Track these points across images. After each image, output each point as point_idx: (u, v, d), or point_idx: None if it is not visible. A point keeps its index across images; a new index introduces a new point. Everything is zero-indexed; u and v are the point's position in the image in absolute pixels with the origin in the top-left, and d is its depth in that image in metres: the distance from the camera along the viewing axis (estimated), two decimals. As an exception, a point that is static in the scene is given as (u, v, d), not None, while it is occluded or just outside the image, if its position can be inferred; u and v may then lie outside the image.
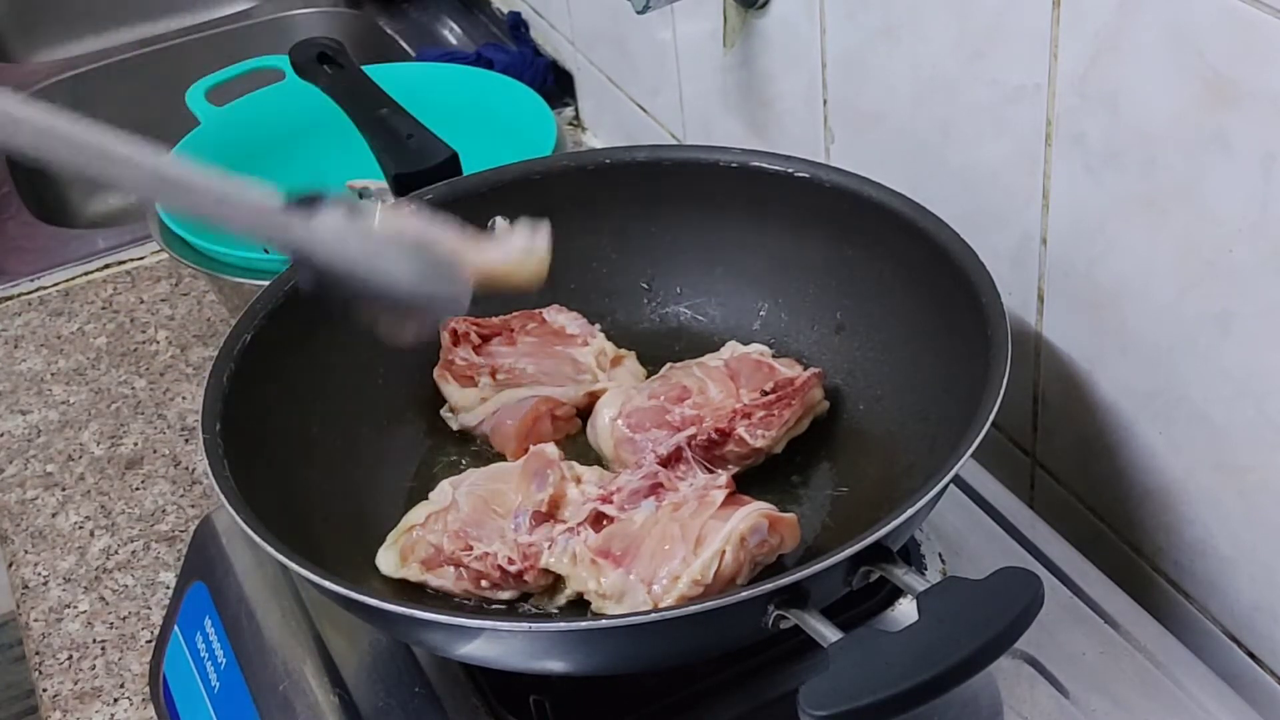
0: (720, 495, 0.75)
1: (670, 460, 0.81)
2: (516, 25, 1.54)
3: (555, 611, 0.77)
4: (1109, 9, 0.72)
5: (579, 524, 0.76)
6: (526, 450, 0.84)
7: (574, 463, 0.83)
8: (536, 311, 0.93)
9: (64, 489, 1.11)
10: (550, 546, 0.76)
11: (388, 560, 0.79)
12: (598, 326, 0.93)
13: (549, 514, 0.78)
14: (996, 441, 0.94)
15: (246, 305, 0.84)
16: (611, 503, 0.77)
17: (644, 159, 0.94)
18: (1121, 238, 0.78)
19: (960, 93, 0.85)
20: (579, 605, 0.76)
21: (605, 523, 0.76)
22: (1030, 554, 0.82)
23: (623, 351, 0.92)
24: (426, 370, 0.91)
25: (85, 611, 1.00)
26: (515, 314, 0.93)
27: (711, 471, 0.80)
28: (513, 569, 0.76)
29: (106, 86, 1.70)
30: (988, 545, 0.83)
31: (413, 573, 0.78)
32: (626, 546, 0.74)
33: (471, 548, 0.77)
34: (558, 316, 0.93)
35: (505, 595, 0.77)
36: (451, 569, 0.77)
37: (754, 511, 0.73)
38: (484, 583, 0.77)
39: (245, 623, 0.84)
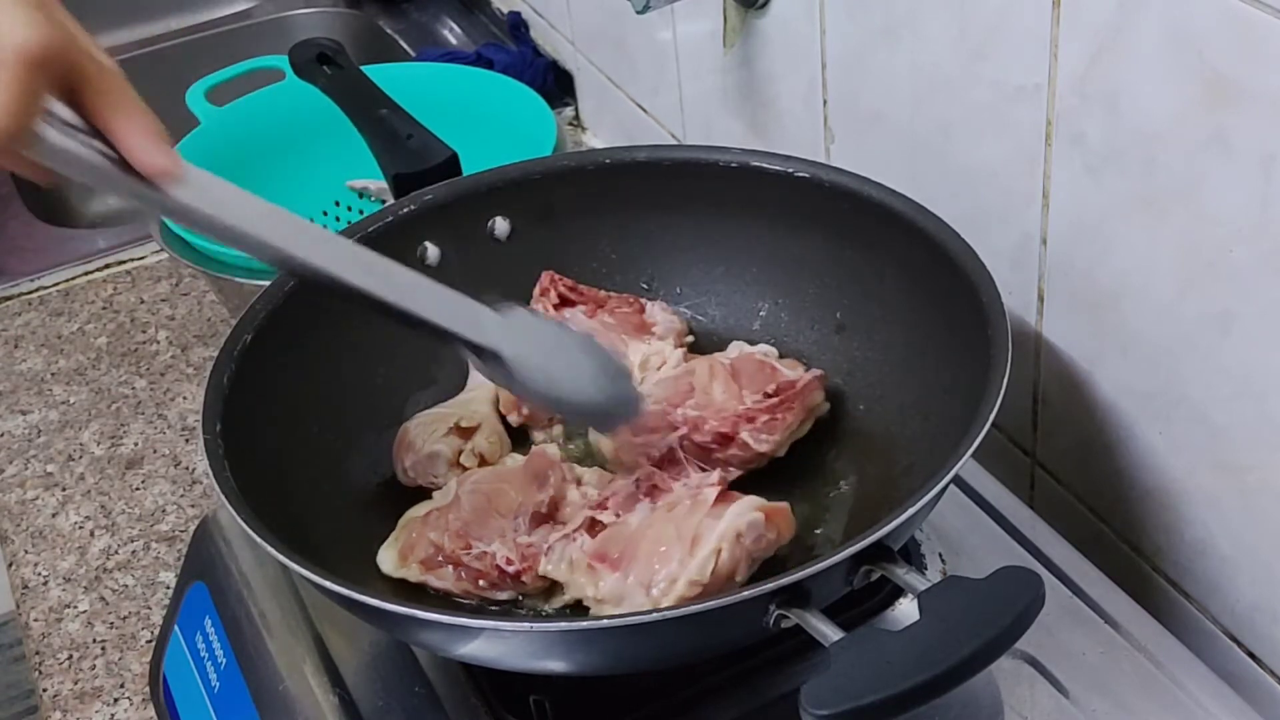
0: (712, 493, 0.75)
1: (664, 461, 0.81)
2: (516, 25, 1.54)
3: (554, 612, 0.77)
4: (1109, 9, 0.72)
5: (575, 530, 0.76)
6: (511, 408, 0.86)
7: (574, 464, 0.83)
8: (641, 300, 0.93)
9: (64, 489, 1.11)
10: (548, 553, 0.76)
11: (388, 558, 0.79)
12: (690, 339, 0.92)
13: (549, 515, 0.78)
14: (996, 441, 0.94)
15: (246, 305, 0.84)
16: (606, 508, 0.77)
17: (644, 159, 0.94)
18: (1121, 238, 0.78)
19: (960, 93, 0.85)
20: (579, 605, 0.76)
21: (600, 528, 0.76)
22: (1030, 554, 0.82)
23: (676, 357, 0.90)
24: (427, 371, 0.91)
25: (85, 611, 1.00)
26: (622, 295, 0.93)
27: (705, 470, 0.80)
28: (511, 569, 0.76)
29: (107, 86, 1.69)
30: (988, 545, 0.83)
31: (413, 573, 0.78)
32: (623, 550, 0.74)
33: (471, 547, 0.77)
34: (656, 312, 0.92)
35: (503, 596, 0.77)
36: (451, 569, 0.77)
37: (747, 507, 0.73)
38: (482, 582, 0.77)
39: (245, 623, 0.84)
